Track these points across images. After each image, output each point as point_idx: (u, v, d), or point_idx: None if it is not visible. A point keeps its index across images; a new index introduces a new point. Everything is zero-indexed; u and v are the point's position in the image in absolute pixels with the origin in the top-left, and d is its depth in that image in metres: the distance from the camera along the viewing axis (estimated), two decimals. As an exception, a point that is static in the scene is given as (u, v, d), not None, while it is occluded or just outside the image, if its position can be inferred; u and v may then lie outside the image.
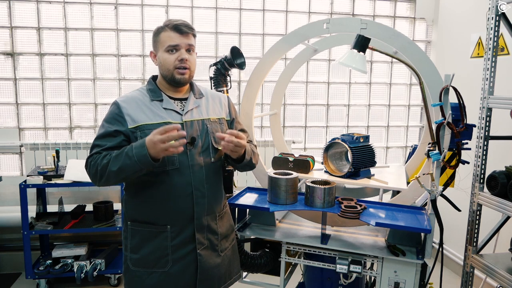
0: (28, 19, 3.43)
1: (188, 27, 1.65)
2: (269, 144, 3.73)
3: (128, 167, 1.49)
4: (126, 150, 1.50)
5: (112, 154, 1.54)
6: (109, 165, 1.51)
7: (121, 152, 1.51)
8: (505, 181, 2.05)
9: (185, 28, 1.63)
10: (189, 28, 1.65)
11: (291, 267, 2.20)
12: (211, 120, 1.74)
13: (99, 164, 1.54)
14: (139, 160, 1.47)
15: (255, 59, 3.61)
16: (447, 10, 3.79)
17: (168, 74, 1.66)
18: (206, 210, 1.68)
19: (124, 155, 1.49)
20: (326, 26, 2.02)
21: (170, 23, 1.64)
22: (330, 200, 1.83)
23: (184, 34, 1.63)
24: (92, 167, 1.57)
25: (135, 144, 1.50)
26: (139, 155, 1.46)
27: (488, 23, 2.13)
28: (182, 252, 1.66)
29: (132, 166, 1.48)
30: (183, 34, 1.63)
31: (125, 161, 1.48)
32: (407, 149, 4.16)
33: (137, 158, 1.47)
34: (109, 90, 3.64)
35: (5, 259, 3.53)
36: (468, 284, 2.29)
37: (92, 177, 1.59)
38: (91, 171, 1.58)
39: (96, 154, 1.58)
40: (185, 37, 1.64)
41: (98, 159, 1.55)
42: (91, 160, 1.58)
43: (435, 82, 1.89)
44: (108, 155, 1.54)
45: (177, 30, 1.63)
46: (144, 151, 1.46)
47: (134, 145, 1.50)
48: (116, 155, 1.52)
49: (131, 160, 1.47)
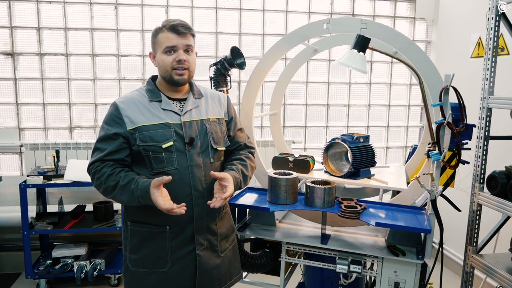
0: (28, 19, 3.43)
1: (186, 27, 1.64)
2: (269, 144, 3.73)
3: (130, 202, 1.57)
4: (132, 188, 1.54)
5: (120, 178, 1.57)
6: (115, 192, 1.58)
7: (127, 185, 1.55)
8: (505, 181, 2.05)
9: (182, 29, 1.62)
10: (186, 28, 1.64)
11: (291, 267, 2.20)
12: (210, 120, 1.73)
13: (104, 182, 1.58)
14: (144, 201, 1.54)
15: (255, 59, 3.61)
16: (447, 10, 3.79)
17: (166, 75, 1.66)
18: (205, 211, 1.68)
19: (130, 193, 1.55)
20: (326, 26, 2.02)
21: (167, 24, 1.63)
22: (330, 200, 1.83)
23: (182, 35, 1.62)
24: (96, 180, 1.61)
25: (140, 186, 1.53)
26: (144, 199, 1.53)
27: (488, 23, 2.12)
28: (181, 253, 1.66)
29: (137, 203, 1.57)
30: (181, 35, 1.62)
31: (130, 199, 1.56)
32: (407, 149, 4.16)
33: (142, 200, 1.54)
34: (109, 90, 3.64)
35: (5, 259, 3.53)
36: (468, 284, 2.29)
37: (96, 187, 1.64)
38: (95, 182, 1.62)
39: (99, 163, 1.60)
40: (183, 37, 1.63)
41: (103, 175, 1.58)
42: (94, 169, 1.61)
43: (435, 82, 1.89)
44: (113, 175, 1.57)
45: (174, 30, 1.62)
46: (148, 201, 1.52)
47: (140, 187, 1.53)
48: (122, 186, 1.56)
49: (136, 200, 1.55)
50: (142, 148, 1.59)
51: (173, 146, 1.61)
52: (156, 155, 1.60)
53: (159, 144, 1.59)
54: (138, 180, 1.55)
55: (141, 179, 1.56)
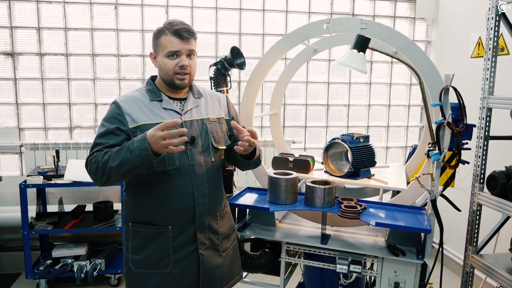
0: (28, 19, 3.43)
1: (189, 32, 1.62)
2: (269, 144, 3.73)
3: (129, 161, 1.45)
4: (127, 145, 1.47)
5: (113, 150, 1.51)
6: (109, 161, 1.48)
7: (122, 147, 1.49)
8: (505, 181, 2.05)
9: (186, 34, 1.60)
10: (190, 33, 1.62)
11: (291, 267, 2.20)
12: (211, 119, 1.73)
13: (100, 160, 1.50)
14: (140, 154, 1.43)
15: (255, 59, 3.61)
16: (447, 10, 3.79)
17: (167, 79, 1.65)
18: (207, 210, 1.68)
19: (125, 149, 1.46)
20: (326, 26, 2.02)
21: (171, 27, 1.61)
22: (330, 200, 1.83)
23: (185, 40, 1.61)
24: (92, 165, 1.53)
25: (136, 138, 1.47)
26: (140, 148, 1.43)
27: (488, 23, 2.13)
28: (183, 253, 1.66)
29: (132, 160, 1.45)
30: (184, 40, 1.61)
31: (126, 155, 1.45)
32: (407, 149, 4.16)
33: (138, 152, 1.43)
34: (109, 90, 3.64)
35: (5, 259, 3.53)
36: (468, 284, 2.29)
37: (93, 175, 1.55)
38: (92, 169, 1.54)
39: (97, 152, 1.55)
40: (186, 42, 1.61)
41: (99, 156, 1.52)
42: (92, 158, 1.55)
43: (435, 82, 1.89)
44: (109, 152, 1.51)
45: (178, 35, 1.60)
46: (145, 145, 1.43)
47: (135, 139, 1.47)
48: (116, 151, 1.49)
49: (132, 154, 1.44)
50: None
51: None
52: None
53: None
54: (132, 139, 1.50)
55: None
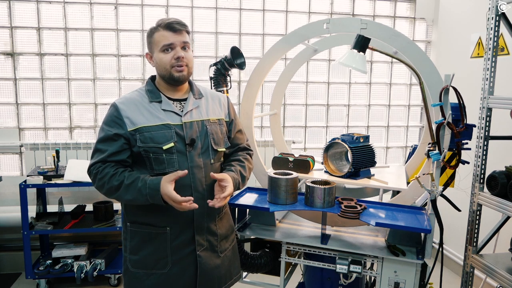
0: (28, 19, 3.43)
1: (181, 24, 1.64)
2: (269, 144, 3.73)
3: (140, 201, 1.56)
4: (139, 186, 1.54)
5: (124, 178, 1.56)
6: (120, 191, 1.56)
7: (133, 184, 1.55)
8: (505, 181, 2.05)
9: (178, 26, 1.62)
10: (181, 25, 1.64)
11: (291, 267, 2.20)
12: (211, 121, 1.73)
13: (107, 182, 1.57)
14: (152, 201, 1.54)
15: (255, 59, 3.61)
16: (447, 10, 3.79)
17: (166, 74, 1.65)
18: (205, 211, 1.67)
19: (137, 191, 1.54)
20: (326, 26, 2.02)
21: (162, 23, 1.63)
22: (330, 200, 1.83)
23: (178, 32, 1.62)
24: (98, 181, 1.59)
25: (149, 184, 1.53)
26: (152, 197, 1.53)
27: (488, 23, 2.12)
28: (181, 254, 1.66)
29: (143, 202, 1.56)
30: (177, 32, 1.62)
31: (137, 197, 1.55)
32: (407, 149, 4.16)
33: (149, 198, 1.54)
34: (109, 90, 3.65)
35: (5, 259, 3.53)
36: (468, 284, 2.29)
37: (97, 188, 1.63)
38: (97, 183, 1.61)
39: (100, 164, 1.59)
40: (179, 34, 1.63)
41: (106, 176, 1.56)
42: (95, 170, 1.59)
43: (435, 82, 1.89)
44: (117, 175, 1.56)
45: (170, 28, 1.61)
46: (157, 196, 1.52)
47: (148, 184, 1.53)
48: (127, 185, 1.55)
49: (143, 198, 1.54)
50: (143, 149, 1.59)
51: (173, 147, 1.60)
52: (156, 156, 1.59)
53: (159, 146, 1.58)
54: (145, 178, 1.55)
55: (148, 177, 1.56)
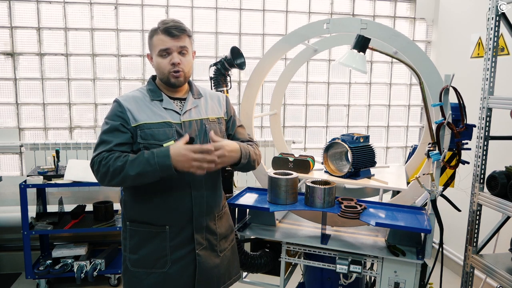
0: (28, 19, 3.43)
1: (180, 28, 1.62)
2: (269, 144, 3.73)
3: (148, 174, 1.49)
4: (146, 157, 1.49)
5: (128, 157, 1.51)
6: (125, 169, 1.49)
7: (139, 157, 1.50)
8: (505, 181, 2.05)
9: (176, 31, 1.61)
10: (180, 30, 1.62)
11: (291, 267, 2.20)
12: (210, 120, 1.73)
13: (112, 165, 1.50)
14: (161, 169, 1.48)
15: (255, 59, 3.61)
16: (447, 10, 3.79)
17: (163, 77, 1.66)
18: (205, 210, 1.68)
19: (145, 162, 1.48)
20: (326, 26, 2.02)
21: (161, 26, 1.62)
22: (330, 200, 1.83)
23: (175, 37, 1.61)
24: (102, 167, 1.52)
25: (157, 152, 1.49)
26: (161, 164, 1.47)
27: (488, 23, 2.12)
28: (181, 253, 1.66)
29: (152, 173, 1.49)
30: (174, 37, 1.61)
31: (146, 168, 1.48)
32: (407, 149, 4.16)
33: (159, 167, 1.48)
34: (109, 90, 3.65)
35: (5, 259, 3.53)
36: (468, 284, 2.29)
37: (101, 177, 1.54)
38: (101, 170, 1.52)
39: (105, 152, 1.54)
40: (176, 40, 1.62)
41: (110, 159, 1.51)
42: (100, 158, 1.53)
43: (435, 82, 1.89)
44: (121, 157, 1.51)
45: (167, 33, 1.61)
46: (167, 162, 1.47)
47: (156, 153, 1.49)
48: (133, 160, 1.50)
49: (153, 167, 1.48)
50: (143, 146, 1.58)
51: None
52: None
53: (160, 143, 1.58)
54: (151, 150, 1.52)
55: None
